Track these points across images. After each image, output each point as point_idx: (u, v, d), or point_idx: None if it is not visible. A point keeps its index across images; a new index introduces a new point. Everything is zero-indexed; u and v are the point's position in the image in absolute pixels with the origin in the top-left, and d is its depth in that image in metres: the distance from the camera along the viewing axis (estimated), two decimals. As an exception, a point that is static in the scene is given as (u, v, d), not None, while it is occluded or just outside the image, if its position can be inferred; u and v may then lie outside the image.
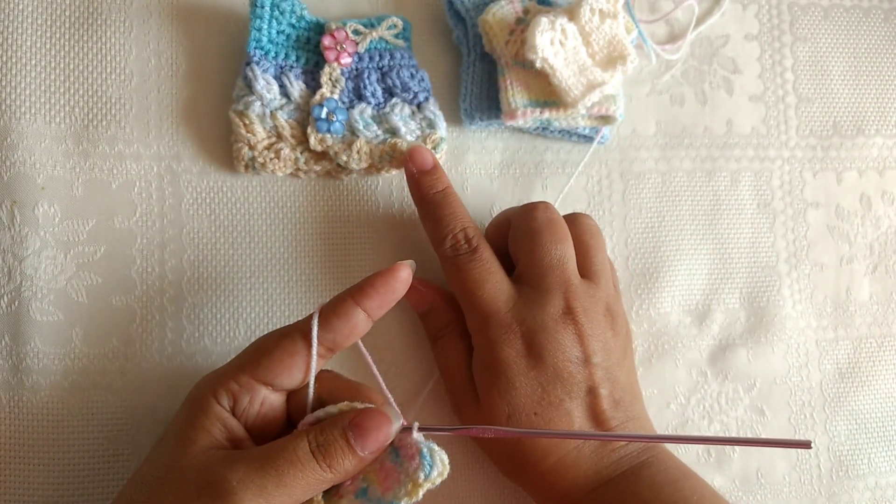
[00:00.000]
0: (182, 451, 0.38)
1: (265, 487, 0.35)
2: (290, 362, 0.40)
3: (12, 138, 0.51)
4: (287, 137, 0.53)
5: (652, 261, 0.60)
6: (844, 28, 0.65)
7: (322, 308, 0.41)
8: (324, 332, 0.40)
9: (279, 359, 0.40)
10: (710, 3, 0.63)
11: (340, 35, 0.53)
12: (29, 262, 0.50)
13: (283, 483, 0.36)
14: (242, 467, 0.36)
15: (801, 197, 0.63)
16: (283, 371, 0.40)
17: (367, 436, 0.38)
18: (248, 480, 0.35)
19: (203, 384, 0.41)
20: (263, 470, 0.36)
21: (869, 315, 0.63)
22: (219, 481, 0.35)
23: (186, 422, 0.39)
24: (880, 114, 0.65)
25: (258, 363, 0.40)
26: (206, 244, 0.53)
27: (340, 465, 0.37)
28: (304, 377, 0.41)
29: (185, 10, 0.55)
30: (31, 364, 0.49)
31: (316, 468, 0.37)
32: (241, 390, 0.40)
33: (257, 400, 0.40)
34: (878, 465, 0.61)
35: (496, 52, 0.55)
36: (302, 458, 0.36)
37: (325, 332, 0.40)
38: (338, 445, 0.37)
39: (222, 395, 0.39)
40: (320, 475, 0.37)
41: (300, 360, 0.40)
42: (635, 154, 0.60)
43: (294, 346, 0.40)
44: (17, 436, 0.49)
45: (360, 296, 0.41)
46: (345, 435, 0.38)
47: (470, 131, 0.58)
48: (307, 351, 0.40)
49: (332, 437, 0.37)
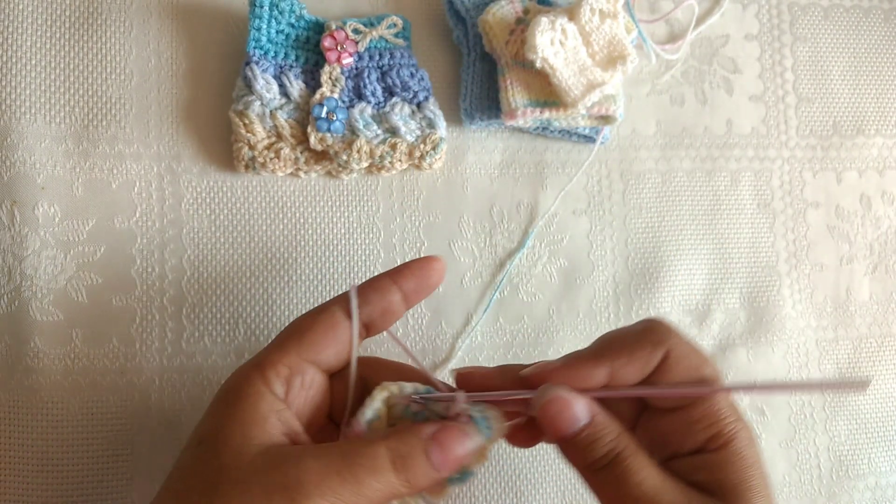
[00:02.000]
0: (237, 451, 0.33)
1: (342, 495, 0.32)
2: (333, 335, 0.37)
3: (12, 138, 0.51)
4: (287, 137, 0.53)
5: (652, 261, 0.60)
6: (844, 28, 0.65)
7: (360, 286, 0.39)
8: (361, 305, 0.38)
9: (322, 332, 0.37)
10: (710, 3, 0.63)
11: (340, 35, 0.53)
12: (29, 261, 0.50)
13: (360, 492, 0.33)
14: (318, 469, 0.32)
15: (801, 197, 0.63)
16: (329, 344, 0.37)
17: (448, 454, 0.35)
18: (325, 486, 0.32)
19: (244, 374, 0.36)
20: (342, 475, 0.32)
21: (869, 315, 0.63)
22: (292, 485, 0.32)
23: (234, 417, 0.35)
24: (880, 114, 0.65)
25: (301, 340, 0.37)
26: (205, 244, 0.53)
27: (416, 482, 0.34)
28: (347, 353, 0.38)
29: (184, 10, 0.55)
30: (30, 364, 0.49)
31: (394, 481, 0.34)
32: (293, 373, 0.36)
33: (308, 382, 0.37)
34: (879, 465, 0.61)
35: (496, 52, 0.55)
36: (381, 469, 0.33)
37: (363, 304, 0.38)
38: (419, 461, 0.34)
39: (274, 381, 0.35)
40: (396, 488, 0.34)
41: (343, 333, 0.37)
42: (635, 154, 0.60)
43: (333, 318, 0.37)
44: (16, 436, 0.48)
45: (396, 275, 0.39)
46: (425, 450, 0.35)
47: (470, 131, 0.58)
48: (348, 323, 0.37)
49: (413, 450, 0.34)
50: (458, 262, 0.56)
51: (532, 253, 0.58)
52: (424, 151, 0.54)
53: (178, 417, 0.51)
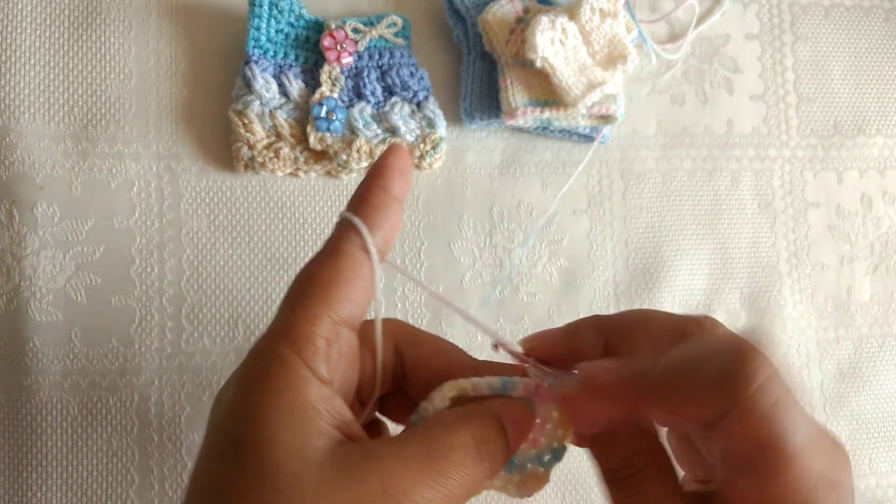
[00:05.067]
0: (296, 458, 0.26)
1: (432, 498, 0.27)
2: (360, 283, 0.30)
3: (11, 138, 0.50)
4: (286, 137, 0.53)
5: (652, 261, 0.59)
6: (845, 27, 0.65)
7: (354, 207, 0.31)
8: (373, 232, 0.31)
9: (350, 283, 0.30)
10: (711, 2, 0.63)
11: (340, 35, 0.53)
12: (28, 261, 0.50)
13: (449, 491, 0.27)
14: (402, 474, 0.27)
15: (801, 197, 0.63)
16: (359, 297, 0.30)
17: (521, 433, 0.30)
18: (414, 493, 0.26)
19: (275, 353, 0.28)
20: (429, 477, 0.27)
21: (870, 315, 0.63)
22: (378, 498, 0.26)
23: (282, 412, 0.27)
24: (881, 113, 0.65)
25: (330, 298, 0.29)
26: (205, 244, 0.53)
27: (495, 465, 0.30)
28: (371, 298, 0.31)
29: (184, 10, 0.55)
30: (29, 364, 0.49)
31: (480, 469, 0.29)
32: (330, 345, 0.29)
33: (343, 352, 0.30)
34: (879, 466, 0.61)
35: (496, 52, 0.55)
36: (469, 459, 0.28)
37: (374, 230, 0.31)
38: (501, 447, 0.30)
39: (317, 361, 0.28)
40: (481, 477, 0.29)
41: (368, 276, 0.30)
42: (636, 154, 0.60)
43: (355, 261, 0.30)
44: (16, 436, 0.48)
45: (384, 179, 0.32)
46: (502, 428, 0.30)
47: (470, 131, 0.58)
48: (369, 262, 0.30)
49: (495, 431, 0.29)
50: (458, 262, 0.56)
51: (532, 253, 0.58)
52: (424, 151, 0.54)
53: (178, 417, 0.51)
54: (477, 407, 0.30)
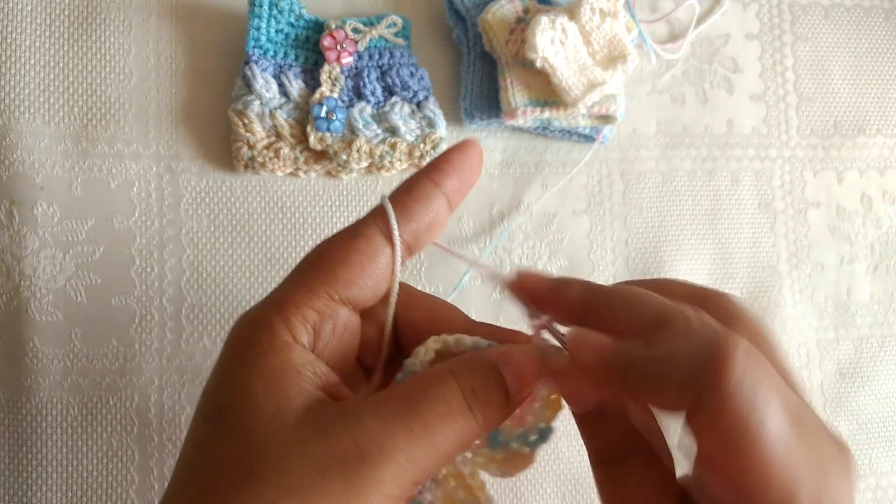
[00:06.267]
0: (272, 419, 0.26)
1: (413, 454, 0.25)
2: (372, 269, 0.30)
3: (11, 138, 0.50)
4: (286, 136, 0.53)
5: (653, 261, 0.59)
6: (845, 27, 0.65)
7: (392, 195, 0.31)
8: (404, 222, 0.30)
9: (360, 265, 0.29)
10: (711, 2, 0.63)
11: (340, 35, 0.53)
12: (28, 261, 0.50)
13: (434, 446, 0.26)
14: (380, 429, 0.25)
15: (801, 197, 0.63)
16: (367, 281, 0.30)
17: (524, 378, 0.28)
18: (393, 448, 0.25)
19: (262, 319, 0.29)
20: (409, 429, 0.25)
21: (870, 315, 0.63)
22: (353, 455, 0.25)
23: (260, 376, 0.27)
24: (881, 113, 0.65)
25: (334, 277, 0.29)
26: (205, 244, 0.53)
27: (491, 418, 0.28)
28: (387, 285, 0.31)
29: (184, 10, 0.55)
30: (29, 364, 0.49)
31: (472, 423, 0.27)
32: (323, 318, 0.29)
33: (340, 326, 0.30)
34: (879, 466, 0.61)
35: (496, 52, 0.55)
36: (456, 410, 0.26)
37: (406, 220, 0.30)
38: (497, 395, 0.27)
39: (301, 331, 0.28)
40: (474, 431, 0.27)
41: (384, 263, 0.30)
42: (636, 154, 0.60)
43: (373, 245, 0.30)
44: (16, 436, 0.48)
45: (436, 174, 0.31)
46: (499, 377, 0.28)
47: (470, 131, 0.58)
48: (389, 249, 0.30)
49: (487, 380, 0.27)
50: (458, 262, 0.56)
51: (532, 253, 0.58)
52: (424, 151, 0.54)
53: (178, 417, 0.51)
54: (471, 355, 0.29)
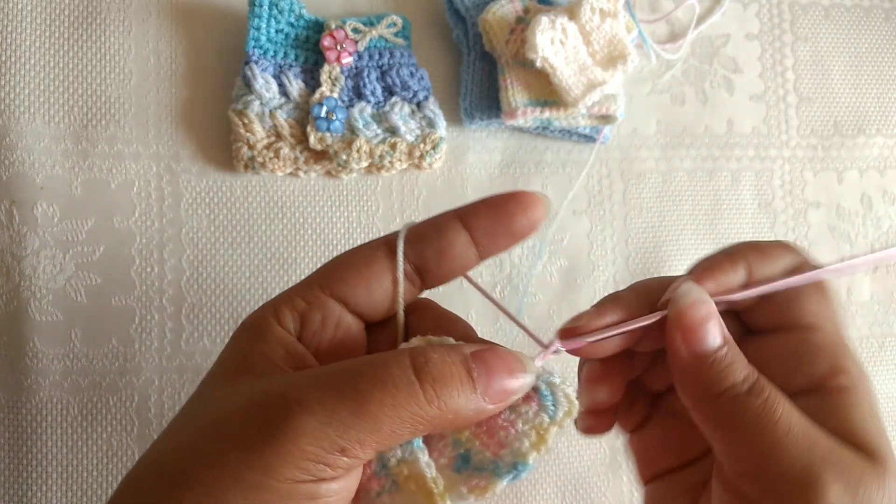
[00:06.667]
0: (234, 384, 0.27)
1: (337, 412, 0.24)
2: (367, 272, 0.30)
3: (11, 138, 0.50)
4: (286, 136, 0.53)
5: (653, 260, 0.59)
6: (845, 27, 0.65)
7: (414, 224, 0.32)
8: (412, 243, 0.30)
9: (355, 267, 0.30)
10: (711, 2, 0.63)
11: (340, 35, 0.53)
12: (28, 261, 0.50)
13: (364, 410, 0.24)
14: (309, 384, 0.25)
15: (801, 197, 0.63)
16: (359, 282, 0.30)
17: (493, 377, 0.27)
18: (315, 401, 0.24)
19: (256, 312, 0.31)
20: (338, 388, 0.25)
21: (870, 315, 0.63)
22: (273, 403, 0.25)
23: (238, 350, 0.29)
24: (881, 113, 0.65)
25: (329, 275, 0.30)
26: (205, 244, 0.53)
27: (451, 399, 0.26)
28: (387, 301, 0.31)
29: (184, 10, 0.55)
30: (29, 364, 0.49)
31: (417, 395, 0.25)
32: (310, 307, 0.30)
33: (331, 321, 0.30)
34: (879, 466, 0.61)
35: (496, 52, 0.55)
36: (398, 379, 0.25)
37: (414, 241, 0.30)
38: (455, 371, 0.26)
39: (285, 314, 0.29)
40: (420, 408, 0.25)
41: (381, 273, 0.30)
42: (636, 154, 0.60)
43: (373, 253, 0.30)
44: (16, 436, 0.48)
45: (464, 209, 0.31)
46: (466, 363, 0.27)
47: (470, 131, 0.58)
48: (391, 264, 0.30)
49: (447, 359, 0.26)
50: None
51: (532, 253, 0.58)
52: (424, 151, 0.54)
53: (178, 418, 0.51)
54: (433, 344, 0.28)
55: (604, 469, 0.57)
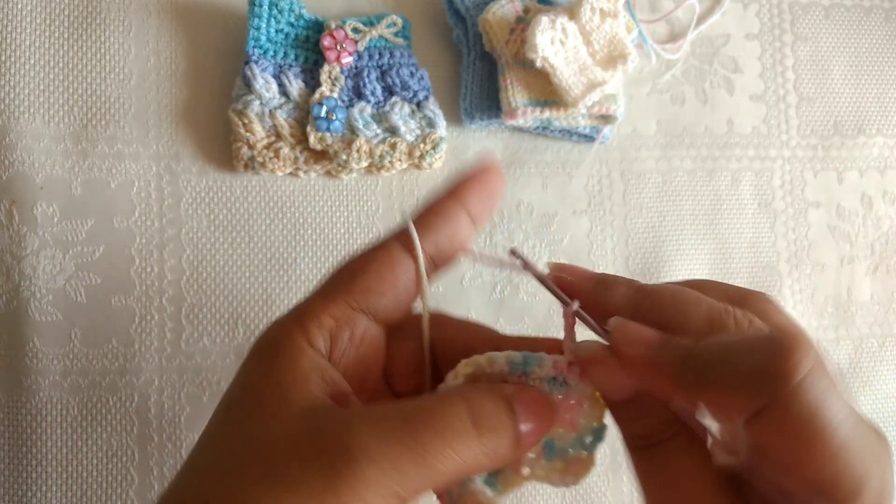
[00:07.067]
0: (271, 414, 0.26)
1: (400, 465, 0.25)
2: (392, 276, 0.30)
3: (11, 138, 0.50)
4: (286, 136, 0.52)
5: (653, 260, 0.59)
6: (845, 27, 0.65)
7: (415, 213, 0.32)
8: (424, 234, 0.30)
9: (378, 273, 0.30)
10: (711, 2, 0.63)
11: (340, 35, 0.53)
12: (27, 261, 0.50)
13: (426, 462, 0.25)
14: (371, 434, 0.25)
15: (801, 197, 0.63)
16: (387, 288, 0.30)
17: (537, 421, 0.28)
18: (380, 456, 0.24)
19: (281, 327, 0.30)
20: (400, 439, 0.25)
21: (870, 315, 0.63)
22: (337, 454, 0.24)
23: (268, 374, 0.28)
24: (881, 113, 0.65)
25: (353, 284, 0.29)
26: (205, 244, 0.53)
27: (496, 448, 0.27)
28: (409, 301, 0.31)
29: (184, 10, 0.55)
30: (29, 364, 0.49)
31: (473, 445, 0.26)
32: (339, 326, 0.29)
33: (358, 335, 0.30)
34: (879, 466, 0.61)
35: (496, 52, 0.55)
36: (458, 429, 0.26)
37: (426, 233, 0.30)
38: (503, 424, 0.27)
39: (316, 336, 0.29)
40: (473, 455, 0.26)
41: (404, 272, 0.30)
42: (636, 154, 0.60)
43: (392, 254, 0.30)
44: (16, 436, 0.48)
45: (457, 191, 0.31)
46: (511, 413, 0.27)
47: (470, 131, 0.58)
48: (410, 260, 0.30)
49: (497, 410, 0.27)
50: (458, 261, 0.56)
51: (532, 253, 0.57)
52: (424, 151, 0.54)
53: (178, 417, 0.51)
54: (485, 384, 0.29)
55: (604, 469, 0.57)
